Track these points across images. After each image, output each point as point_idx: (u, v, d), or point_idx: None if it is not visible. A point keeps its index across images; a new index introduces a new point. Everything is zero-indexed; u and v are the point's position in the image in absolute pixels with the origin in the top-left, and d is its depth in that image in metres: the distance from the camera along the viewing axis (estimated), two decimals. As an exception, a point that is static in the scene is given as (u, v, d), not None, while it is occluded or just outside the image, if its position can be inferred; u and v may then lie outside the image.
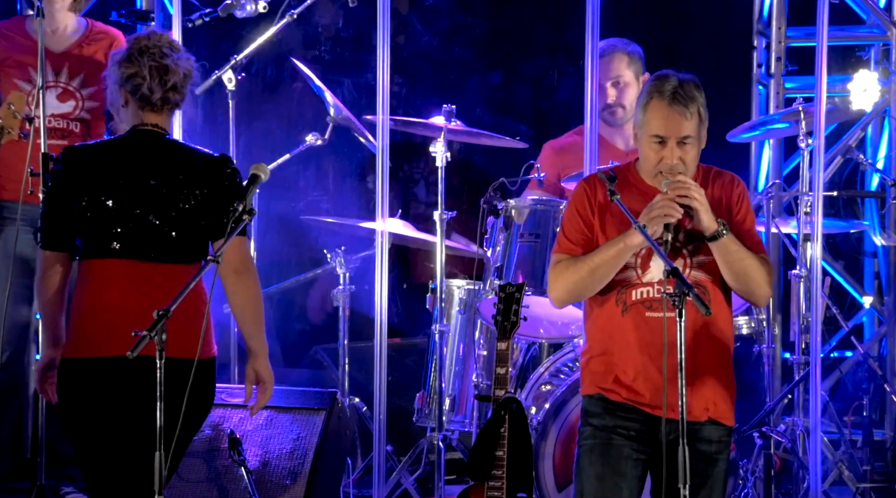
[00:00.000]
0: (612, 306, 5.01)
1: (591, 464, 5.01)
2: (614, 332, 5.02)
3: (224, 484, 6.22)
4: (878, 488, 7.36)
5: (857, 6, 8.48)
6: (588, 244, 5.04)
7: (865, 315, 8.55)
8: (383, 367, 6.73)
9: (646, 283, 4.99)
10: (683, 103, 4.93)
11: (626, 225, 4.95)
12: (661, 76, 5.02)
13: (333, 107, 7.47)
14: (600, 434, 5.01)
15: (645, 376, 4.98)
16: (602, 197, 5.05)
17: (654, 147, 4.96)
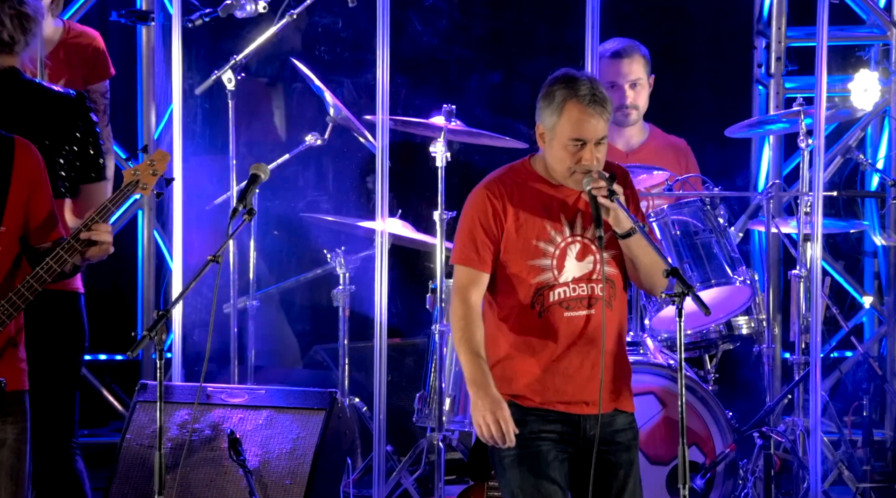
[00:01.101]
0: (526, 310, 4.99)
1: (521, 474, 4.97)
2: (530, 335, 4.99)
3: (223, 484, 6.22)
4: (878, 488, 7.36)
5: (857, 6, 8.48)
6: (492, 260, 5.00)
7: (865, 315, 8.55)
8: (383, 367, 6.73)
9: (562, 283, 4.99)
10: (601, 104, 4.93)
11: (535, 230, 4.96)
12: (570, 78, 4.99)
13: (333, 107, 7.47)
14: (523, 442, 4.97)
15: (565, 376, 4.98)
16: (512, 201, 4.99)
17: (571, 149, 4.94)
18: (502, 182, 5.05)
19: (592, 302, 4.98)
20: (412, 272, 8.37)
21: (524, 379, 5.02)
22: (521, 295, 5.00)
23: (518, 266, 5.00)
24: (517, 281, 5.00)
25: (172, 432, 6.34)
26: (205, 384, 6.48)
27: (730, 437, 6.59)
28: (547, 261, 4.99)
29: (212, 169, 8.00)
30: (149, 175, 5.26)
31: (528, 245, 4.99)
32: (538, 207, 5.00)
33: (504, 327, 5.04)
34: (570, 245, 4.98)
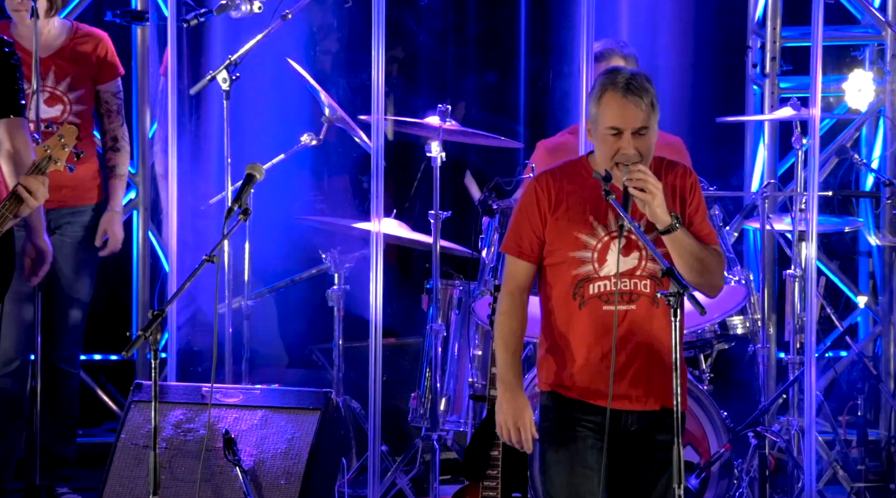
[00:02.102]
0: (569, 301, 5.03)
1: (557, 458, 5.04)
2: (571, 326, 5.04)
3: (218, 484, 6.22)
4: (872, 488, 7.36)
5: (852, 6, 8.49)
6: (535, 250, 5.07)
7: (860, 315, 8.55)
8: (378, 366, 6.73)
9: (603, 276, 5.01)
10: (637, 94, 4.96)
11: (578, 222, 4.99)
12: (612, 70, 5.06)
13: (328, 107, 7.47)
14: (562, 427, 5.04)
15: (600, 370, 5.00)
16: (559, 193, 5.06)
17: (609, 139, 4.98)
18: (553, 174, 5.11)
19: (635, 297, 4.99)
20: (407, 272, 8.37)
21: (566, 370, 5.06)
22: (564, 286, 5.05)
23: (561, 257, 5.05)
24: (560, 272, 5.05)
25: (167, 432, 6.33)
26: (200, 384, 6.49)
27: (724, 436, 6.59)
28: (588, 253, 5.02)
29: (207, 168, 8.00)
30: (60, 149, 5.50)
31: (571, 237, 5.03)
32: (585, 201, 5.03)
33: (551, 318, 5.10)
34: (614, 239, 4.99)
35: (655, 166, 5.07)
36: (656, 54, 8.22)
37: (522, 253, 5.10)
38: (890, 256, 8.26)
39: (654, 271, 5.00)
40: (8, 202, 5.60)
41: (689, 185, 5.10)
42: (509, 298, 5.13)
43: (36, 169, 5.62)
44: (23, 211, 5.62)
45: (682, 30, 8.53)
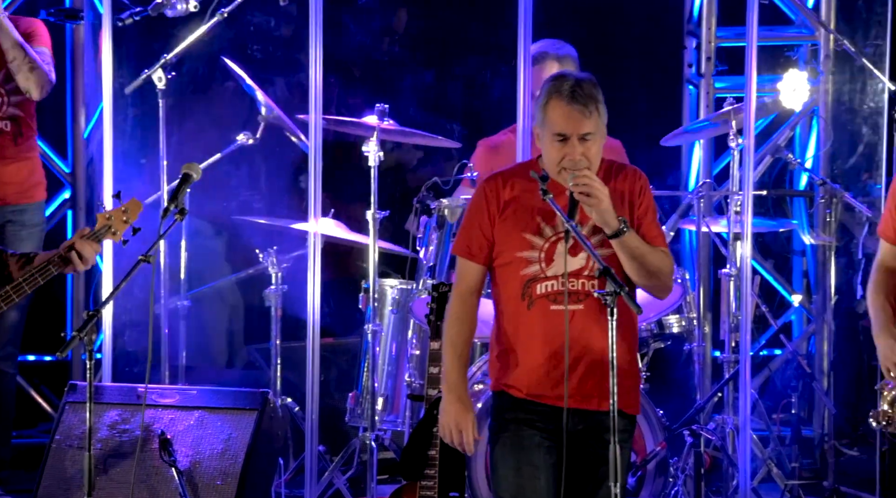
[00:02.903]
0: (518, 301, 5.06)
1: (504, 457, 5.07)
2: (519, 327, 5.07)
3: (154, 485, 6.19)
4: (806, 485, 7.42)
5: (786, 6, 8.55)
6: (485, 252, 5.09)
7: (794, 313, 8.62)
8: (316, 366, 6.72)
9: (550, 277, 5.04)
10: (582, 101, 5.00)
11: (525, 223, 5.02)
12: (559, 76, 5.09)
13: (265, 106, 7.45)
14: (511, 427, 5.07)
15: (548, 370, 5.02)
16: (508, 195, 5.09)
17: (556, 145, 5.02)
18: (503, 176, 5.15)
19: (582, 297, 5.01)
20: (345, 272, 8.36)
21: (515, 370, 5.09)
22: (513, 287, 5.07)
23: (509, 258, 5.08)
24: (509, 273, 5.08)
25: (102, 433, 6.29)
26: (135, 385, 6.45)
27: (660, 435, 6.62)
28: (535, 253, 5.04)
29: (142, 168, 7.96)
30: (121, 222, 5.49)
31: (518, 237, 5.06)
32: (533, 203, 5.06)
33: (502, 318, 5.13)
34: (561, 240, 5.01)
35: (605, 170, 5.09)
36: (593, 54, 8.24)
37: (472, 254, 5.12)
38: (823, 254, 8.33)
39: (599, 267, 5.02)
40: (55, 261, 5.61)
41: (638, 188, 5.12)
42: (459, 300, 5.15)
43: (93, 235, 5.61)
44: (68, 271, 5.64)
45: (619, 30, 8.57)
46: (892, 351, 5.15)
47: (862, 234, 7.97)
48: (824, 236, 8.23)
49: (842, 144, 8.49)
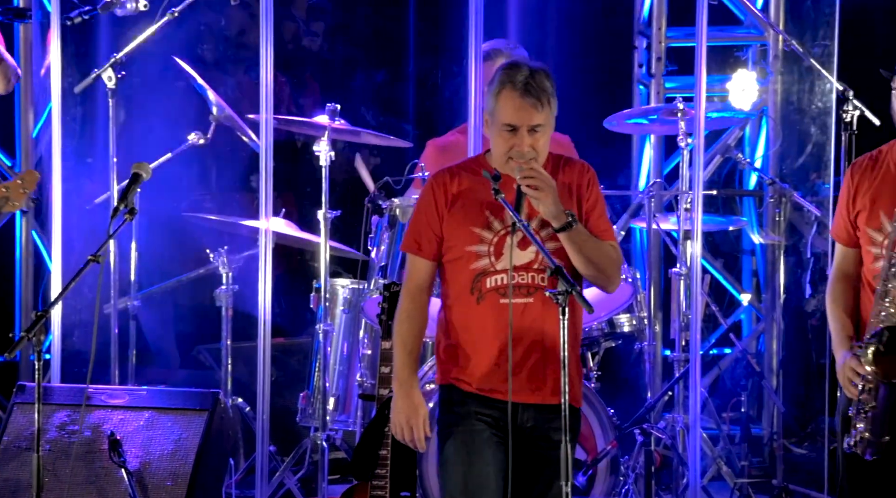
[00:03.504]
0: (467, 295, 5.06)
1: (455, 451, 5.06)
2: (469, 321, 5.07)
3: (104, 486, 6.16)
4: (755, 484, 7.46)
5: (736, 7, 8.60)
6: (434, 247, 5.10)
7: (744, 312, 8.67)
8: (267, 366, 6.70)
9: (500, 270, 5.04)
10: (535, 94, 5.01)
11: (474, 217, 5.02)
12: (513, 65, 5.08)
13: (216, 105, 7.43)
14: (461, 421, 5.07)
15: (498, 363, 5.03)
16: (456, 189, 5.10)
17: (505, 135, 5.02)
18: (450, 172, 5.15)
19: (532, 291, 5.01)
20: (296, 271, 8.35)
21: (464, 364, 5.08)
22: (462, 281, 5.07)
23: (458, 252, 5.08)
24: (458, 267, 5.08)
25: (51, 434, 6.26)
26: (84, 385, 6.41)
27: (611, 434, 6.65)
28: (484, 247, 5.05)
29: (92, 168, 7.92)
30: (19, 193, 5.47)
31: (467, 231, 5.07)
32: (481, 197, 5.06)
33: (451, 313, 5.12)
34: (511, 234, 5.01)
35: (552, 164, 5.11)
36: (544, 54, 8.27)
37: (422, 250, 5.12)
38: (773, 253, 8.39)
39: (550, 265, 5.04)
40: None
41: (586, 181, 5.13)
42: (409, 297, 5.15)
43: None
44: None
45: (570, 30, 8.60)
46: (844, 364, 5.15)
47: (811, 233, 8.03)
48: (773, 236, 8.28)
49: (790, 144, 8.54)
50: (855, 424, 5.11)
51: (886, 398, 5.05)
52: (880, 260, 5.17)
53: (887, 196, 5.19)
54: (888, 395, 5.04)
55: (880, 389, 5.04)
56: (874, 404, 5.06)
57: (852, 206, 5.25)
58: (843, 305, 5.27)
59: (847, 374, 5.13)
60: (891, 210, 5.17)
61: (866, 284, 5.24)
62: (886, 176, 5.22)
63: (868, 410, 5.07)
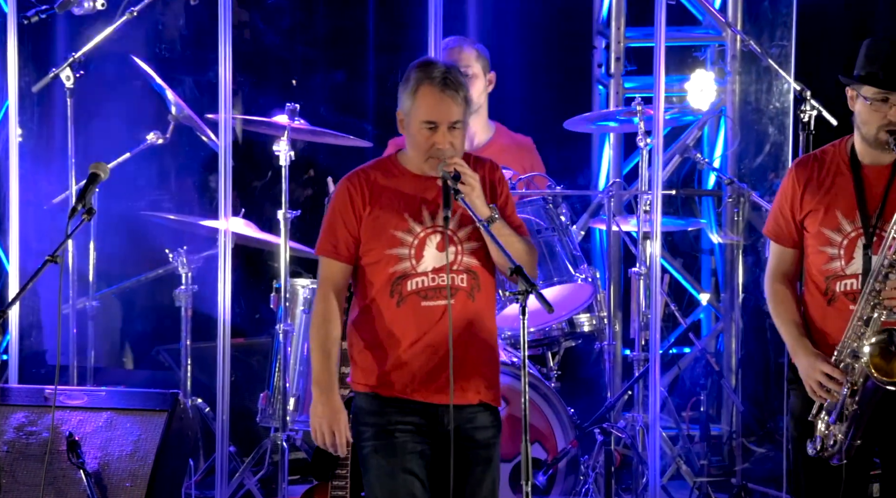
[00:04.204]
0: (386, 298, 5.05)
1: (378, 465, 5.03)
2: (389, 324, 5.05)
3: (62, 487, 6.13)
4: (714, 482, 7.49)
5: (694, 7, 8.63)
6: (352, 250, 5.08)
7: (703, 312, 8.70)
8: (226, 367, 6.68)
9: (420, 273, 5.04)
10: (454, 88, 5.01)
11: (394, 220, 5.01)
12: (427, 63, 5.08)
13: (175, 105, 7.40)
14: (381, 433, 5.04)
15: (422, 365, 5.02)
16: (373, 191, 5.07)
17: (424, 133, 5.02)
18: (365, 173, 5.12)
19: (454, 292, 5.01)
20: (256, 272, 8.32)
21: (384, 367, 5.06)
22: (381, 284, 5.05)
23: (377, 255, 5.06)
24: (377, 270, 5.06)
25: (9, 435, 6.22)
26: (42, 386, 6.38)
27: (571, 433, 6.66)
28: (405, 250, 5.03)
29: (49, 168, 7.88)
30: None
31: (386, 234, 5.05)
32: (399, 198, 5.06)
33: (367, 317, 5.09)
34: (430, 235, 5.02)
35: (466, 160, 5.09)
36: (504, 54, 8.27)
37: (339, 254, 5.09)
38: (731, 253, 8.42)
39: (469, 265, 5.04)
40: None
41: (497, 178, 5.16)
42: (325, 301, 5.10)
43: None
44: None
45: (529, 30, 8.61)
46: (813, 369, 5.15)
47: (769, 233, 8.05)
48: (732, 235, 8.31)
49: (749, 144, 8.58)
50: (821, 428, 5.13)
51: (871, 400, 5.07)
52: (835, 260, 5.19)
53: (843, 197, 5.21)
54: (872, 396, 5.06)
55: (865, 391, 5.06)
56: (856, 407, 5.08)
57: (799, 206, 5.26)
58: (791, 307, 5.28)
59: (818, 377, 5.14)
60: (850, 211, 5.19)
61: (811, 285, 5.25)
62: (840, 177, 5.24)
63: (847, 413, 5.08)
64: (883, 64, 5.13)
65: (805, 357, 5.16)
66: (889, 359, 5.04)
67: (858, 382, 5.06)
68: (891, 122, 5.13)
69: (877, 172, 5.21)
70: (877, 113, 5.15)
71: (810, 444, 5.13)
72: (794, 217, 5.26)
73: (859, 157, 5.23)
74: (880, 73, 5.13)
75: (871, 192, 5.19)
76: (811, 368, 5.14)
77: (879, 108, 5.14)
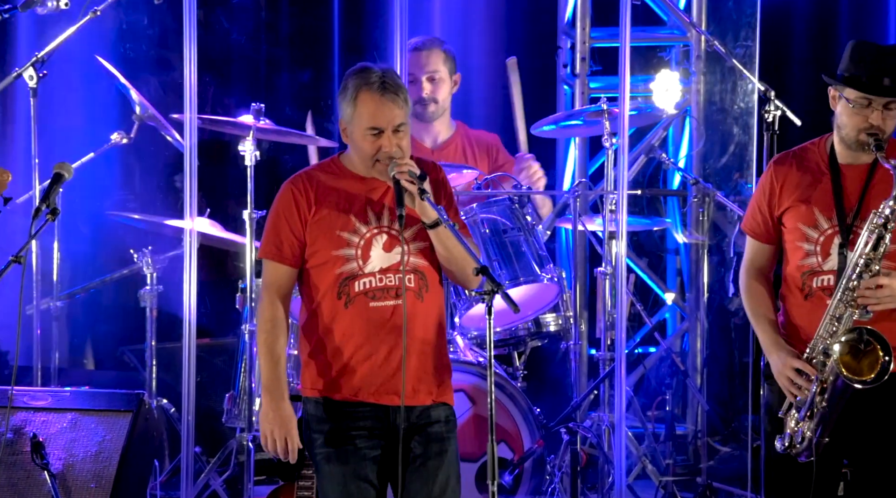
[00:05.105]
0: (334, 300, 5.03)
1: (332, 472, 5.02)
2: (337, 326, 5.04)
3: (25, 489, 6.11)
4: (679, 482, 7.51)
5: (658, 7, 8.65)
6: (297, 253, 5.06)
7: (668, 311, 8.72)
8: (192, 367, 6.66)
9: (368, 273, 5.03)
10: (394, 91, 5.00)
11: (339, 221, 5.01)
12: (362, 69, 5.07)
13: (139, 105, 7.37)
14: (334, 439, 5.03)
15: (373, 366, 5.02)
16: (317, 194, 5.06)
17: (370, 138, 5.00)
18: (309, 176, 5.11)
19: (400, 292, 4.99)
20: (221, 272, 8.30)
21: (333, 370, 5.05)
22: (328, 286, 5.04)
23: (323, 257, 5.04)
24: (324, 272, 5.04)
25: (-27, 437, 6.19)
26: (5, 387, 6.35)
27: (537, 433, 6.67)
28: (351, 251, 5.03)
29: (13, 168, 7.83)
30: None
31: (332, 236, 5.03)
32: (344, 200, 5.05)
33: (315, 320, 5.07)
34: (377, 236, 5.02)
35: None
36: (469, 54, 8.28)
37: (284, 257, 5.07)
38: (696, 253, 8.44)
39: (416, 266, 5.04)
40: None
41: (441, 178, 5.16)
42: (271, 305, 5.09)
43: None
44: None
45: (494, 30, 8.61)
46: (784, 365, 5.18)
47: (734, 232, 8.09)
48: (697, 235, 8.34)
49: (713, 144, 8.60)
50: (791, 425, 5.15)
51: (840, 398, 5.09)
52: (811, 256, 5.23)
53: (821, 195, 5.25)
54: (842, 394, 5.08)
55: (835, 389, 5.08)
56: (825, 404, 5.11)
57: (776, 202, 5.30)
58: (766, 304, 5.32)
59: (789, 374, 5.16)
60: (827, 209, 5.23)
61: (789, 282, 5.29)
62: (818, 175, 5.27)
63: (817, 410, 5.11)
64: (867, 68, 5.16)
65: (777, 353, 5.20)
66: (859, 358, 5.07)
67: (828, 380, 5.09)
68: (871, 125, 5.16)
69: (855, 172, 5.25)
70: (857, 116, 5.18)
71: (779, 440, 5.16)
72: (771, 213, 5.30)
73: (838, 157, 5.27)
74: (864, 76, 5.16)
75: (849, 191, 5.23)
76: (782, 364, 5.17)
77: (861, 112, 5.18)
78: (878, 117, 5.16)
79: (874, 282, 5.11)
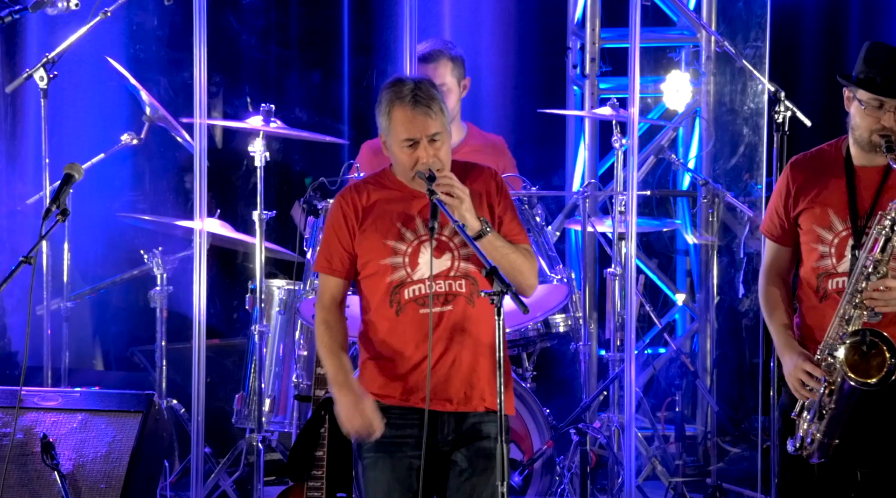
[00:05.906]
0: (385, 308, 5.07)
1: (375, 479, 5.04)
2: (390, 333, 5.07)
3: (36, 489, 6.12)
4: (689, 482, 7.51)
5: (669, 8, 8.65)
6: (346, 265, 5.10)
7: (678, 312, 8.72)
8: (202, 368, 6.67)
9: (416, 280, 5.05)
10: (425, 103, 5.02)
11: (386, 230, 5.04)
12: (396, 81, 5.09)
13: (149, 106, 7.39)
14: (383, 446, 5.04)
15: (421, 373, 5.02)
16: (365, 204, 5.10)
17: (406, 151, 5.03)
18: (357, 188, 5.16)
19: (450, 298, 5.02)
20: (231, 272, 8.32)
21: (386, 377, 5.07)
22: (380, 294, 5.08)
23: (374, 267, 5.08)
24: (375, 281, 5.08)
25: (-18, 438, 6.21)
26: (15, 387, 6.36)
27: (547, 434, 6.67)
28: (398, 259, 5.06)
29: (24, 168, 7.85)
30: None
31: (381, 245, 5.07)
32: (392, 209, 5.09)
33: (370, 328, 5.12)
34: (425, 243, 5.03)
35: (460, 171, 5.11)
36: (479, 54, 8.28)
37: (334, 270, 5.13)
38: (706, 254, 8.44)
39: (467, 271, 5.05)
40: None
41: (494, 187, 5.16)
42: (326, 312, 5.14)
43: None
44: None
45: (504, 30, 8.61)
46: (795, 367, 5.19)
47: (743, 233, 8.09)
48: (707, 236, 8.34)
49: (723, 145, 8.60)
50: (802, 426, 5.15)
51: (847, 400, 5.09)
52: (826, 258, 5.23)
53: (836, 197, 5.24)
54: (849, 396, 5.08)
55: (842, 391, 5.08)
56: (833, 406, 5.11)
57: (792, 204, 5.30)
58: (781, 306, 5.32)
59: (799, 376, 5.17)
60: (842, 210, 5.23)
61: (805, 283, 5.29)
62: (834, 177, 5.27)
63: (826, 412, 5.11)
64: (881, 69, 5.15)
65: (789, 355, 5.21)
66: (865, 359, 5.06)
67: (836, 382, 5.09)
68: (884, 127, 5.16)
69: (869, 174, 5.25)
70: (870, 117, 5.18)
71: (790, 441, 5.17)
72: (787, 215, 5.31)
73: (853, 159, 5.27)
74: (878, 78, 5.16)
75: (863, 193, 5.23)
76: (793, 365, 5.18)
77: (873, 113, 5.17)
78: (890, 119, 5.16)
79: (881, 283, 5.10)
